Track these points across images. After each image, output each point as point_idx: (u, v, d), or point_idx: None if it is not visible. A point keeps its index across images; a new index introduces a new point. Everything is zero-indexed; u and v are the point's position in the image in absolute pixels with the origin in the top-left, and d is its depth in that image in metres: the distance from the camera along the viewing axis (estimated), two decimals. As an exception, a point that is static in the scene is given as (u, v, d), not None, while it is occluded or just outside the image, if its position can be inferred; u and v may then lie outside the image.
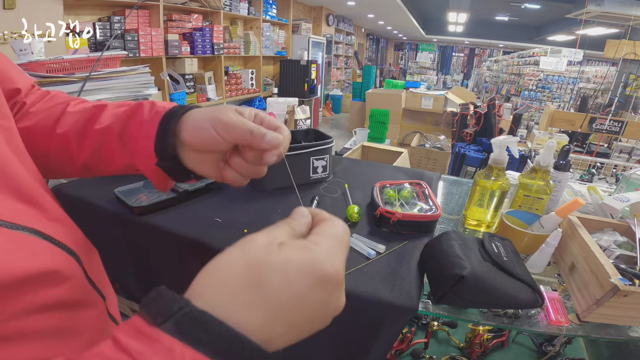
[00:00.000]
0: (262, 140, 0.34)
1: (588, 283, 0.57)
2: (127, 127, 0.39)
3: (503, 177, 0.77)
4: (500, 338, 1.09)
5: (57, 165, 0.43)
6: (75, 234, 0.36)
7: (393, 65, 15.25)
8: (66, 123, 0.41)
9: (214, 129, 0.35)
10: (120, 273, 0.90)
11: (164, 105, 0.40)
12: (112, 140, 0.40)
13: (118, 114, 0.41)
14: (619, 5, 4.51)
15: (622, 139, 2.50)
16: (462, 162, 2.58)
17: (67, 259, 0.32)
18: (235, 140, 0.36)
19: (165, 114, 0.38)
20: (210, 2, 3.60)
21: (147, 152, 0.38)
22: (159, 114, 0.38)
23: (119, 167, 0.42)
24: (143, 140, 0.38)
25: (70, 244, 0.33)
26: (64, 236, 0.33)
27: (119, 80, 1.11)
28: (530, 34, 10.50)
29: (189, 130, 0.36)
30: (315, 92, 5.44)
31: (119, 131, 0.40)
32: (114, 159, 0.41)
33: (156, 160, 0.38)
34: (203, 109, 0.38)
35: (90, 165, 0.42)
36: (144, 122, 0.39)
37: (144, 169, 0.40)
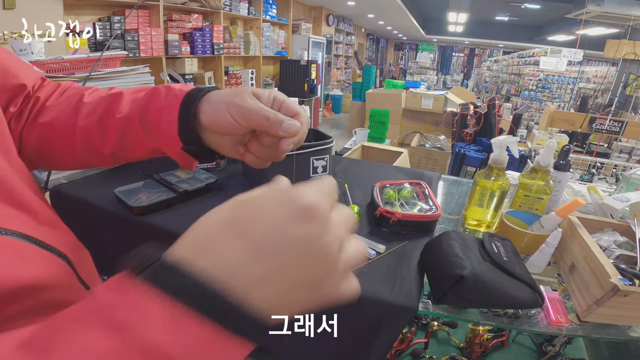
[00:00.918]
0: (278, 128, 0.34)
1: (588, 283, 0.57)
2: (147, 114, 0.39)
3: (503, 177, 0.77)
4: (500, 338, 1.09)
5: (83, 156, 0.43)
6: (66, 236, 0.36)
7: (393, 65, 15.25)
8: (85, 114, 0.41)
9: (230, 114, 0.35)
10: (120, 273, 0.90)
11: (181, 87, 0.40)
12: (135, 128, 0.40)
13: (136, 101, 0.40)
14: (619, 5, 4.51)
15: (622, 139, 2.50)
16: (462, 162, 2.58)
17: (59, 263, 0.32)
18: (251, 126, 0.35)
19: (185, 97, 0.38)
20: (210, 2, 3.60)
21: (172, 136, 0.38)
22: (178, 98, 0.38)
23: (145, 152, 0.42)
24: (165, 125, 0.38)
25: (61, 247, 0.33)
26: (55, 240, 0.32)
27: (119, 80, 1.11)
28: (530, 34, 10.50)
29: (207, 113, 0.36)
30: (315, 92, 5.44)
31: (139, 118, 0.39)
32: (140, 145, 0.41)
33: (181, 144, 0.38)
34: (221, 91, 0.38)
35: (117, 154, 0.42)
36: (164, 106, 0.38)
37: (170, 152, 0.40)
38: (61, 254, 0.32)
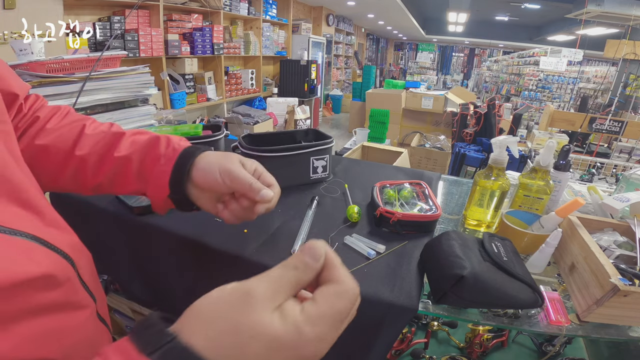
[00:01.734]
0: (257, 194, 0.42)
1: (588, 283, 0.57)
2: (145, 160, 0.44)
3: (503, 177, 0.77)
4: (500, 338, 1.09)
5: (68, 183, 0.45)
6: (70, 238, 0.37)
7: (393, 65, 15.25)
8: (86, 145, 0.44)
9: (220, 175, 0.42)
10: (120, 273, 0.90)
11: (179, 142, 0.46)
12: (129, 169, 0.44)
13: (136, 144, 0.45)
14: (619, 5, 4.51)
15: (622, 139, 2.50)
16: (462, 162, 2.58)
17: (63, 263, 0.33)
18: (235, 188, 0.43)
19: (182, 152, 0.44)
20: (210, 2, 3.60)
21: (161, 183, 0.43)
22: (176, 152, 0.44)
23: (127, 191, 0.46)
24: (158, 173, 0.43)
25: (66, 248, 0.34)
26: (60, 241, 0.34)
27: (119, 80, 1.11)
28: (530, 34, 10.50)
29: (199, 171, 0.43)
30: (315, 92, 5.44)
31: (137, 161, 0.44)
32: (127, 184, 0.45)
33: (168, 192, 0.44)
34: (214, 153, 0.45)
35: (101, 187, 0.45)
36: (160, 156, 0.44)
37: (153, 196, 0.45)
38: (66, 255, 0.33)
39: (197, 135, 0.99)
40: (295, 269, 0.26)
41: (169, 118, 1.41)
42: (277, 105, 4.29)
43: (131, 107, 1.18)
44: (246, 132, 1.04)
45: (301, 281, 0.26)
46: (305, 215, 0.79)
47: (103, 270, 1.01)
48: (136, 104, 1.20)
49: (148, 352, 0.21)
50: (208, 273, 0.71)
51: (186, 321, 0.24)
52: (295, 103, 4.33)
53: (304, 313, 0.25)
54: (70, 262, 0.34)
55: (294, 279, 0.26)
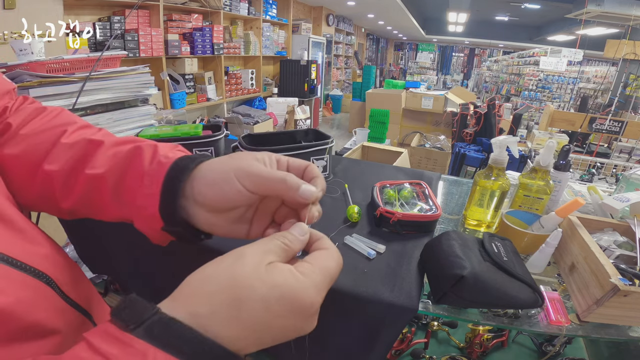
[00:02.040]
0: (295, 191, 0.30)
1: (588, 283, 0.57)
2: (124, 179, 0.33)
3: (503, 177, 0.77)
4: (500, 338, 1.09)
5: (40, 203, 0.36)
6: (50, 252, 0.32)
7: (393, 65, 15.25)
8: (56, 159, 0.34)
9: (240, 182, 0.30)
10: (120, 273, 0.90)
11: (167, 153, 0.33)
12: (104, 191, 0.33)
13: (115, 159, 0.34)
14: (619, 5, 4.51)
15: (622, 139, 2.50)
16: (462, 162, 2.58)
17: (36, 285, 0.28)
18: (264, 192, 0.31)
19: (172, 166, 0.31)
20: (210, 2, 3.60)
21: (149, 213, 0.32)
22: (163, 166, 0.32)
23: (109, 218, 0.36)
24: (143, 198, 0.32)
25: (43, 265, 0.30)
26: (35, 257, 0.29)
27: (119, 80, 1.11)
28: (530, 34, 10.50)
29: (206, 186, 0.30)
30: (315, 92, 5.44)
31: (113, 182, 0.33)
32: (104, 210, 0.34)
33: (162, 224, 0.32)
34: (218, 159, 0.32)
35: (78, 212, 0.36)
36: (144, 173, 0.32)
37: (144, 228, 0.34)
38: (40, 274, 0.29)
39: (197, 135, 0.99)
40: (284, 237, 0.28)
41: (169, 118, 1.41)
42: (277, 105, 4.29)
43: (131, 107, 1.18)
44: (246, 132, 1.04)
45: (289, 248, 0.28)
46: (305, 215, 0.78)
47: (103, 270, 1.01)
48: (136, 104, 1.20)
49: (131, 328, 0.21)
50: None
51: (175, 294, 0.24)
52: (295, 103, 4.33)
53: (297, 267, 0.26)
54: (47, 280, 0.29)
55: (283, 244, 0.27)
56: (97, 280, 1.19)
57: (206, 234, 0.34)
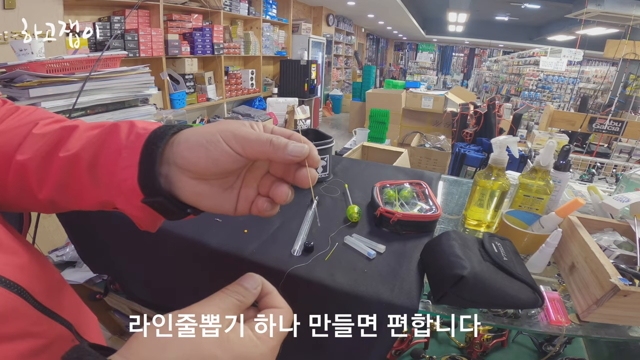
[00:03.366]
0: (284, 150, 0.29)
1: (588, 283, 0.57)
2: (100, 155, 0.31)
3: (503, 177, 0.77)
4: (500, 338, 1.09)
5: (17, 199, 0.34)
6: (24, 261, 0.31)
7: (393, 65, 15.25)
8: (29, 148, 0.32)
9: (227, 144, 0.29)
10: (120, 273, 0.90)
11: (145, 125, 0.32)
12: (80, 172, 0.31)
13: (90, 138, 0.32)
14: (619, 5, 4.51)
15: (622, 139, 2.50)
16: (462, 162, 2.58)
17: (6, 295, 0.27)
18: (253, 154, 0.29)
19: (150, 135, 0.30)
20: (210, 2, 3.60)
21: (128, 186, 0.29)
22: (141, 137, 0.30)
23: (92, 204, 0.33)
24: (122, 171, 0.30)
25: (16, 275, 0.28)
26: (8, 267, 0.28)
27: (119, 80, 1.11)
28: (530, 34, 10.49)
29: (188, 150, 0.29)
30: (315, 92, 5.44)
31: (88, 160, 0.31)
32: (84, 194, 0.32)
33: (142, 196, 0.30)
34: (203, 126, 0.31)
35: (57, 202, 0.34)
36: (122, 147, 0.30)
37: (124, 207, 0.31)
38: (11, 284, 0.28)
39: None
40: (237, 294, 0.29)
41: (169, 118, 1.41)
42: (277, 105, 4.29)
43: (131, 107, 1.18)
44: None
45: (243, 304, 0.29)
46: (305, 215, 0.79)
47: (103, 270, 1.01)
48: (136, 104, 1.20)
49: None
50: (208, 273, 0.71)
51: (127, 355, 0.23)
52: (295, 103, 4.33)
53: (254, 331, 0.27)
54: (18, 290, 0.28)
55: (237, 301, 0.28)
56: (97, 280, 1.19)
57: (193, 208, 0.32)
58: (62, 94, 0.99)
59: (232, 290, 0.29)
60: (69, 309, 0.36)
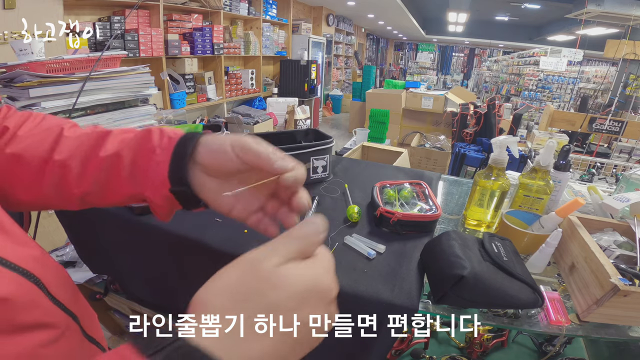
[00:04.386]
0: (273, 163, 0.33)
1: (588, 283, 0.57)
2: (137, 154, 0.37)
3: (503, 177, 0.77)
4: (500, 338, 1.09)
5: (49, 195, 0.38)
6: (37, 254, 0.34)
7: (393, 65, 15.25)
8: (65, 149, 0.37)
9: (232, 148, 0.34)
10: (120, 273, 0.90)
11: (174, 131, 0.38)
12: (120, 168, 0.37)
13: (125, 140, 0.38)
14: (619, 5, 4.51)
15: (622, 139, 2.50)
16: (462, 162, 2.58)
17: (23, 283, 0.30)
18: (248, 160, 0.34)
19: (181, 138, 0.37)
20: (210, 2, 3.60)
21: (160, 178, 0.36)
22: (172, 140, 0.37)
23: (122, 198, 0.39)
24: (155, 166, 0.36)
25: (30, 265, 0.31)
26: (23, 258, 0.30)
27: (119, 80, 1.11)
28: (530, 34, 10.50)
29: (208, 152, 0.35)
30: (315, 92, 5.44)
31: (128, 158, 0.37)
32: (119, 188, 0.38)
33: (169, 186, 0.36)
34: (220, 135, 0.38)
35: (89, 197, 0.38)
36: (156, 146, 0.36)
37: (153, 196, 0.37)
38: (27, 273, 0.30)
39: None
40: (298, 239, 0.27)
41: (169, 118, 1.41)
42: (277, 105, 4.29)
43: (131, 107, 1.18)
44: (246, 132, 1.04)
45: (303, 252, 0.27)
46: (305, 216, 0.79)
47: (103, 270, 1.01)
48: (136, 104, 1.20)
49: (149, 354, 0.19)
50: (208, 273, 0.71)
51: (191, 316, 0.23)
52: (295, 103, 4.33)
53: None
54: (34, 280, 0.30)
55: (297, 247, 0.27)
56: (97, 280, 1.19)
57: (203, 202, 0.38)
58: (62, 94, 0.99)
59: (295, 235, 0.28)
60: (75, 303, 0.37)
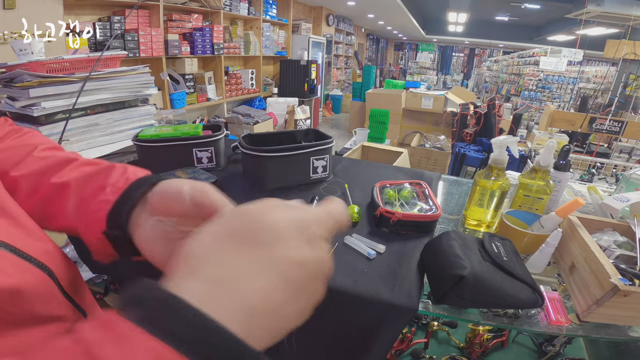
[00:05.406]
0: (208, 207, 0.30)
1: (588, 283, 0.57)
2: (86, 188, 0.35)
3: (503, 177, 0.77)
4: (500, 338, 1.09)
5: None
6: (51, 248, 0.34)
7: (393, 65, 15.25)
8: (25, 167, 0.37)
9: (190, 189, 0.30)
10: (120, 273, 0.90)
11: (137, 172, 0.36)
12: (65, 199, 0.35)
13: (83, 172, 0.37)
14: (619, 5, 4.51)
15: (622, 139, 2.50)
16: (462, 162, 2.58)
17: (37, 274, 0.30)
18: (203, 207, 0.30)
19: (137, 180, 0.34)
20: (210, 2, 3.60)
21: (98, 217, 0.33)
22: (129, 181, 0.34)
23: (57, 227, 0.37)
24: (98, 204, 0.33)
25: (44, 258, 0.31)
26: (37, 251, 0.31)
27: (119, 80, 1.11)
28: (530, 34, 10.50)
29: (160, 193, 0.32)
30: (315, 92, 5.44)
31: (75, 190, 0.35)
32: (56, 217, 0.36)
33: (104, 227, 0.33)
34: None
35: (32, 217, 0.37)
36: (108, 185, 0.34)
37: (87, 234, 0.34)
38: (42, 266, 0.31)
39: (197, 135, 0.99)
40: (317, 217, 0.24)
41: (169, 118, 1.41)
42: (277, 105, 4.29)
43: (131, 107, 1.18)
44: (246, 132, 1.04)
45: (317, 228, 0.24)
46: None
47: (103, 270, 1.01)
48: (136, 104, 1.20)
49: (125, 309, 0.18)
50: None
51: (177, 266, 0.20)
52: (295, 103, 4.33)
53: None
54: (49, 273, 0.31)
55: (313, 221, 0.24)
56: (97, 280, 1.19)
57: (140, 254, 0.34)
58: (62, 94, 0.99)
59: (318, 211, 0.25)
60: (83, 299, 0.37)
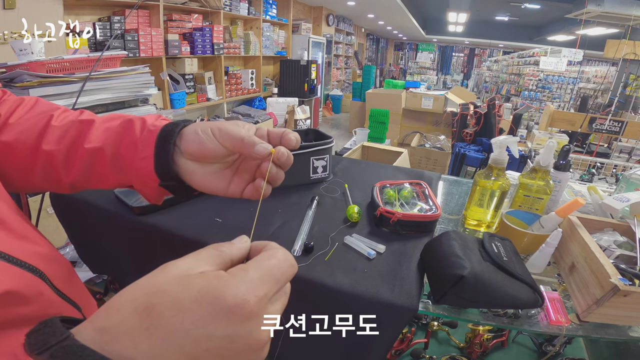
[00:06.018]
0: (251, 149, 0.34)
1: (588, 283, 0.57)
2: (120, 147, 0.38)
3: (503, 177, 0.77)
4: (500, 338, 1.09)
5: (41, 182, 0.40)
6: (40, 249, 0.34)
7: (393, 65, 15.25)
8: (52, 138, 0.38)
9: (213, 133, 0.36)
10: (120, 273, 0.90)
11: (154, 122, 0.39)
12: (104, 162, 0.38)
13: (108, 130, 0.39)
14: (619, 5, 4.51)
15: (622, 139, 2.49)
16: (462, 162, 2.58)
17: (28, 277, 0.30)
18: (229, 147, 0.36)
19: (160, 132, 0.37)
20: (210, 2, 3.60)
21: (146, 172, 0.37)
22: (152, 133, 0.37)
23: (111, 185, 0.40)
24: (139, 161, 0.37)
25: (34, 261, 0.31)
26: (26, 253, 0.31)
27: (119, 80, 1.11)
28: (530, 34, 10.49)
29: (189, 139, 0.36)
30: (315, 92, 5.44)
31: (111, 152, 0.38)
32: (106, 179, 0.39)
33: (158, 180, 0.37)
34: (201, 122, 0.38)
35: (78, 184, 0.40)
36: (137, 141, 0.37)
37: (143, 188, 0.38)
38: (33, 268, 0.31)
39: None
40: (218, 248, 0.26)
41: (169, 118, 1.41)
42: (277, 105, 4.29)
43: (131, 107, 1.18)
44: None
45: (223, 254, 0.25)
46: (305, 215, 0.79)
47: (103, 270, 1.01)
48: (136, 104, 1.20)
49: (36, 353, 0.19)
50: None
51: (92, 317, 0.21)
52: (295, 103, 4.33)
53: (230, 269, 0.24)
54: (40, 275, 0.31)
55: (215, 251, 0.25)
56: (97, 280, 1.19)
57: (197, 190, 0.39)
58: (62, 94, 0.99)
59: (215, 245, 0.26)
60: (78, 293, 0.38)
